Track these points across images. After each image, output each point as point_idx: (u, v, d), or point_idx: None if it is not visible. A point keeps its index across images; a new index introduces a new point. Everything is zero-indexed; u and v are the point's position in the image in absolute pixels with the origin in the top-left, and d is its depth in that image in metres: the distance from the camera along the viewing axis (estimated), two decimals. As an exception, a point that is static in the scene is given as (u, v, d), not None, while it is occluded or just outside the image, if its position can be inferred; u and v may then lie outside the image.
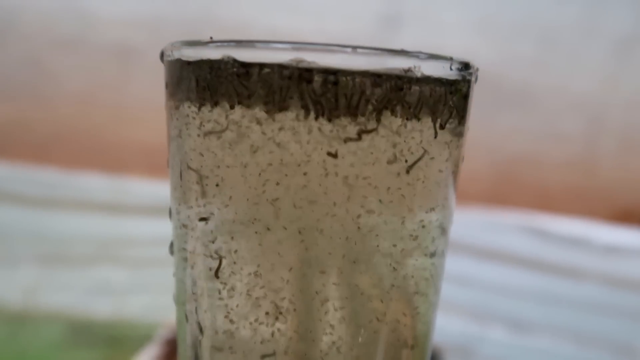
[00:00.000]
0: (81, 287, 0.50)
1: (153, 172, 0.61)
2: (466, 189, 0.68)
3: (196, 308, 0.19)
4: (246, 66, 0.16)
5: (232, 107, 0.16)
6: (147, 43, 0.63)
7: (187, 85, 0.17)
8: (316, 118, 0.15)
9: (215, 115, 0.17)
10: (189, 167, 0.18)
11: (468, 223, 0.60)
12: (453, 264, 0.56)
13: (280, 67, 0.15)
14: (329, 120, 0.16)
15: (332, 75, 0.15)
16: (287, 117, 0.16)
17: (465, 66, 0.18)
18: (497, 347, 0.53)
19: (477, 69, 0.18)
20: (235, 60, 0.16)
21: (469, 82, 0.18)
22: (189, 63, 0.17)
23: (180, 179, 0.18)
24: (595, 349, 0.52)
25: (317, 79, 0.15)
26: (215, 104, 0.16)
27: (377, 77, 0.15)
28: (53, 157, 0.64)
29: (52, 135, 0.64)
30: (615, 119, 0.65)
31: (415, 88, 0.16)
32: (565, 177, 0.67)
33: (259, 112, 0.16)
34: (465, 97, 0.18)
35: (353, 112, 0.15)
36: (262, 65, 0.15)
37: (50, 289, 0.50)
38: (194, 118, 0.17)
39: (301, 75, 0.15)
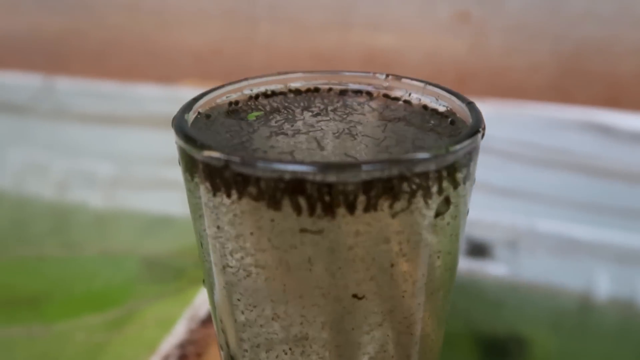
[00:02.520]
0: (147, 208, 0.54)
1: (204, 77, 0.62)
2: (525, 82, 0.64)
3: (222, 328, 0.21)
4: (244, 175, 0.16)
5: (228, 196, 0.16)
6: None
7: (190, 166, 0.17)
8: (310, 216, 0.16)
9: (218, 198, 0.17)
10: (208, 234, 0.19)
11: (526, 122, 0.58)
12: (507, 169, 0.54)
13: (278, 180, 0.15)
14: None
15: (325, 187, 0.15)
16: (283, 214, 0.16)
17: (478, 135, 0.17)
18: (543, 243, 0.53)
19: (484, 128, 0.18)
20: (235, 172, 0.16)
21: (472, 151, 0.17)
22: (191, 156, 0.17)
23: (200, 236, 0.19)
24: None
25: (311, 191, 0.15)
26: (217, 192, 0.17)
27: (366, 183, 0.15)
28: (108, 66, 0.65)
29: (104, 44, 0.65)
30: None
31: (407, 185, 0.16)
32: (638, 65, 0.62)
33: (259, 204, 0.16)
34: (467, 165, 0.17)
35: (349, 211, 0.16)
36: (258, 179, 0.15)
37: (123, 206, 0.55)
38: (201, 193, 0.18)
39: (295, 188, 0.15)
